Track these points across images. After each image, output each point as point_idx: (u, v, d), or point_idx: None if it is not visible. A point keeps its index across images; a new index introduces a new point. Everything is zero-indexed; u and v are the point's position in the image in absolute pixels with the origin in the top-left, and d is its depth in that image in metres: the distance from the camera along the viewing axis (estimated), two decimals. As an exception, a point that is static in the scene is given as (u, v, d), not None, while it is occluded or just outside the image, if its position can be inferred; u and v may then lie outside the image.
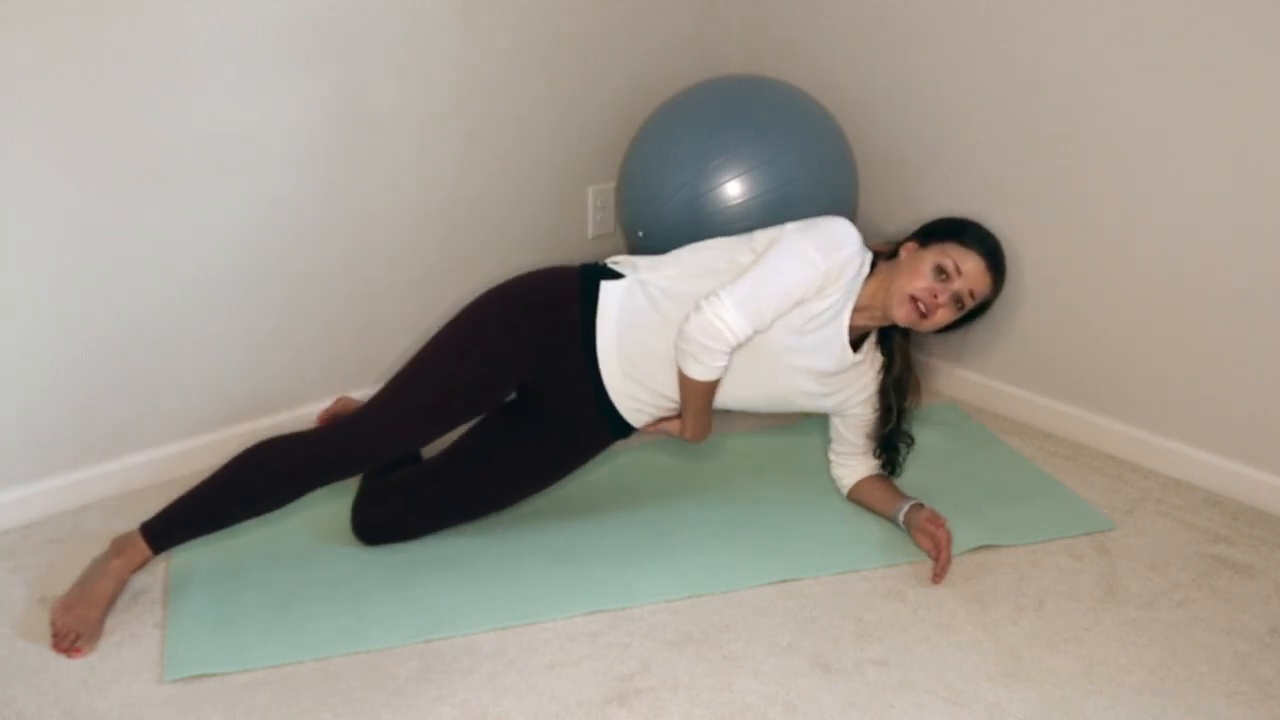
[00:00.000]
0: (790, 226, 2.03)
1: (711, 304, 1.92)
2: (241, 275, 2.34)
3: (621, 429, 2.15)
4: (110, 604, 1.88)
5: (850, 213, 2.64)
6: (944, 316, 2.02)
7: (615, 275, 2.09)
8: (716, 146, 2.49)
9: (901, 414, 2.15)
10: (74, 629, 1.83)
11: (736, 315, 1.91)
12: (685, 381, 1.99)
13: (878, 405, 2.16)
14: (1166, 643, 1.92)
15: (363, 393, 2.59)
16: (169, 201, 2.19)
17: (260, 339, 2.41)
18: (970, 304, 2.03)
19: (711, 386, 2.00)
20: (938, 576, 2.05)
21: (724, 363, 1.95)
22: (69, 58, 2.00)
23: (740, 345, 1.96)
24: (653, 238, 2.63)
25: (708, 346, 1.92)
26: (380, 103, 2.44)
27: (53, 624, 1.85)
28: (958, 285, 2.00)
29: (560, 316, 2.06)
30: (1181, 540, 2.23)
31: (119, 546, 1.90)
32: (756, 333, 1.96)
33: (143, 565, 1.91)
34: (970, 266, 2.00)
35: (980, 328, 2.71)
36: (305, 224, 2.41)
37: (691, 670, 1.82)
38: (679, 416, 2.08)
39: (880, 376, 2.15)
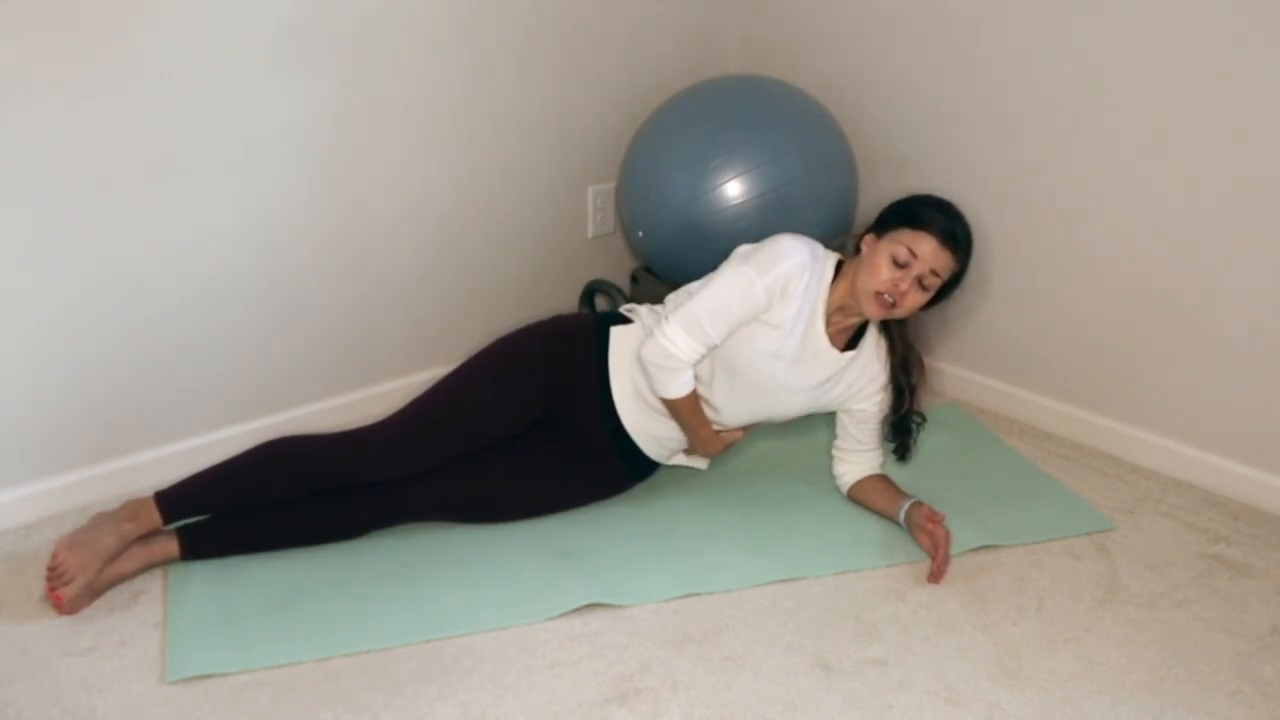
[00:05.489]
0: (740, 250, 2.11)
1: (661, 328, 2.06)
2: (244, 275, 2.34)
3: (642, 468, 2.26)
4: (109, 561, 1.92)
5: (850, 213, 2.64)
6: (913, 301, 2.04)
7: (627, 320, 2.21)
8: (716, 146, 2.49)
9: (913, 391, 2.17)
10: (73, 571, 1.87)
11: (682, 335, 2.03)
12: (664, 403, 2.11)
13: (891, 389, 2.19)
14: (1166, 643, 1.92)
15: (361, 393, 2.61)
16: (171, 202, 2.19)
17: (262, 339, 2.41)
18: (936, 282, 2.05)
19: (687, 402, 2.10)
20: (934, 575, 2.05)
21: (686, 378, 2.07)
22: (73, 59, 2.00)
23: (696, 361, 2.06)
24: (653, 238, 2.63)
25: (663, 367, 2.05)
26: (383, 104, 2.44)
27: (55, 556, 1.88)
28: (917, 269, 2.02)
29: (576, 357, 2.18)
30: (1181, 540, 2.23)
31: (133, 510, 1.96)
32: (709, 349, 2.06)
33: (150, 535, 1.97)
34: (925, 249, 2.01)
35: (981, 328, 2.73)
36: (307, 224, 2.41)
37: (691, 670, 1.82)
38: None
39: (888, 361, 2.18)
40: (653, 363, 2.05)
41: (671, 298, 2.19)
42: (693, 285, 2.15)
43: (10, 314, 2.07)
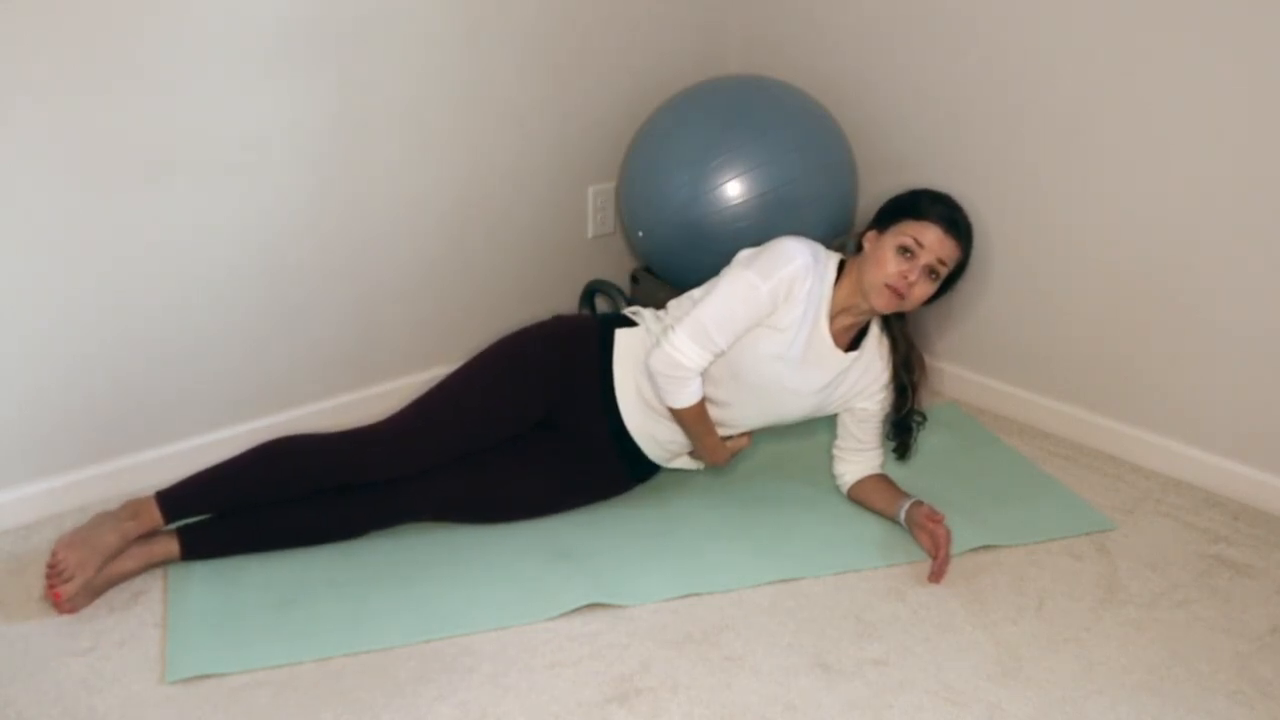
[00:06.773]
0: (742, 255, 2.11)
1: (668, 337, 2.05)
2: (244, 275, 2.34)
3: (643, 469, 2.26)
4: (109, 559, 1.92)
5: (850, 213, 2.64)
6: (922, 291, 2.05)
7: (631, 323, 2.21)
8: (716, 146, 2.49)
9: (915, 389, 2.18)
10: (72, 569, 1.87)
11: (690, 345, 2.03)
12: (671, 412, 2.11)
13: (893, 388, 2.19)
14: (1166, 643, 1.92)
15: (361, 393, 2.61)
16: (171, 202, 2.19)
17: (262, 339, 2.41)
18: (944, 271, 2.06)
19: (695, 412, 2.10)
20: (935, 575, 2.05)
21: (694, 387, 2.07)
22: (73, 59, 2.00)
23: (703, 369, 2.06)
24: (653, 238, 2.63)
25: (671, 377, 2.05)
26: (383, 104, 2.44)
27: (54, 554, 1.89)
28: (925, 259, 2.03)
29: (578, 358, 2.17)
30: (1181, 540, 2.23)
31: (133, 509, 1.96)
32: (716, 356, 2.06)
33: (151, 534, 1.97)
34: (931, 238, 2.03)
35: (981, 328, 2.73)
36: (308, 224, 2.41)
37: (691, 670, 1.82)
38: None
39: (890, 359, 2.18)
40: (661, 373, 2.05)
41: (674, 304, 2.19)
42: (695, 292, 2.15)
43: (10, 314, 2.07)
